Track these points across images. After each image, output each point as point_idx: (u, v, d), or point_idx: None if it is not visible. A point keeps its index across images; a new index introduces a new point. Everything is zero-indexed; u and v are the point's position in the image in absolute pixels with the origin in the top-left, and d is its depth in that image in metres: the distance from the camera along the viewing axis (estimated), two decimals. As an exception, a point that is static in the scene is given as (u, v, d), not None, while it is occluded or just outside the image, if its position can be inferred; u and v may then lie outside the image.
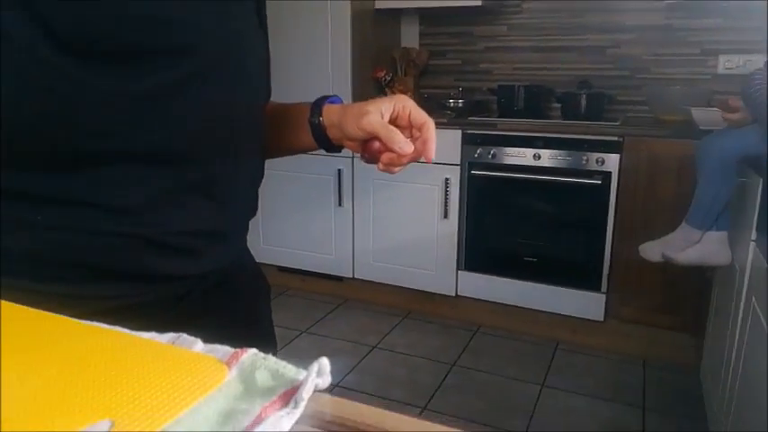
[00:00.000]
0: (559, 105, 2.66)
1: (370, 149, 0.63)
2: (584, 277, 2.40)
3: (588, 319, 2.43)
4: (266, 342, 0.75)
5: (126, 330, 0.38)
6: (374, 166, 0.64)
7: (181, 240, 0.57)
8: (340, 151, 0.70)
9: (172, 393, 0.31)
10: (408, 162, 0.63)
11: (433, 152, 0.62)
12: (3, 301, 0.41)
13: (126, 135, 0.51)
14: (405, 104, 0.63)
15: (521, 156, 2.42)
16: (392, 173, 0.64)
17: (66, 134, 0.49)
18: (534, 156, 2.39)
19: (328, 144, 0.68)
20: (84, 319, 0.39)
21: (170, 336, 0.38)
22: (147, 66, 0.50)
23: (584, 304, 2.42)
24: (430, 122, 0.62)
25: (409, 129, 0.63)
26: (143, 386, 0.31)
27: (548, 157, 2.38)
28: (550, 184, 2.38)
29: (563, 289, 2.44)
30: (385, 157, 0.62)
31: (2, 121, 0.47)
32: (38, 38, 0.45)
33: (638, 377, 2.24)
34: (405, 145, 0.60)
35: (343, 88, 2.67)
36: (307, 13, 2.65)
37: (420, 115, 0.63)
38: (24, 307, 0.41)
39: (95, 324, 0.39)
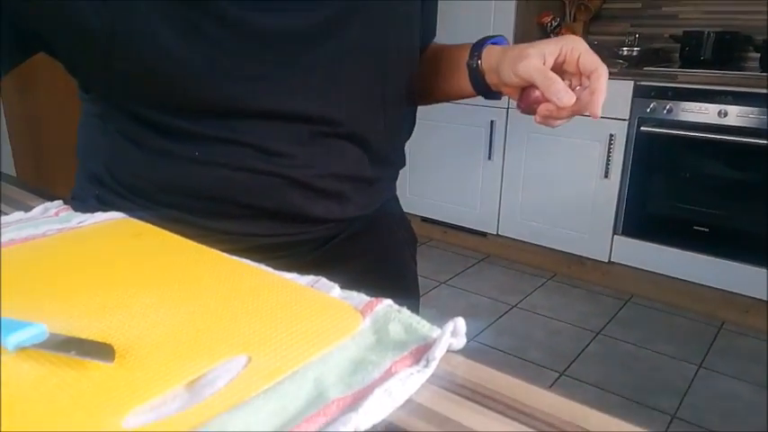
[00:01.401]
0: (758, 55, 2.29)
1: (527, 98, 0.56)
2: (764, 253, 2.11)
3: (764, 300, 2.16)
4: (409, 291, 0.74)
5: (269, 269, 0.39)
6: (532, 117, 0.57)
7: (327, 184, 0.58)
8: (500, 98, 0.63)
9: (306, 336, 0.32)
10: (570, 116, 0.54)
11: (599, 106, 0.52)
12: (164, 231, 0.45)
13: (277, 80, 0.52)
14: (574, 46, 0.54)
15: (703, 112, 2.14)
16: (551, 126, 0.57)
17: (224, 81, 0.50)
18: (719, 113, 2.11)
19: (486, 90, 0.62)
20: (233, 254, 0.41)
21: (309, 278, 0.39)
22: (291, 6, 0.50)
23: (762, 283, 2.14)
24: (602, 69, 0.53)
25: (578, 76, 0.55)
26: (280, 326, 0.32)
27: (736, 115, 2.08)
28: (736, 146, 2.09)
29: (737, 264, 2.17)
30: (542, 108, 0.54)
31: (161, 68, 0.49)
32: None
33: (821, 373, 1.96)
34: (564, 95, 0.51)
35: (506, 33, 2.53)
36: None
37: (591, 60, 0.53)
38: (182, 238, 0.45)
39: (242, 260, 0.41)
